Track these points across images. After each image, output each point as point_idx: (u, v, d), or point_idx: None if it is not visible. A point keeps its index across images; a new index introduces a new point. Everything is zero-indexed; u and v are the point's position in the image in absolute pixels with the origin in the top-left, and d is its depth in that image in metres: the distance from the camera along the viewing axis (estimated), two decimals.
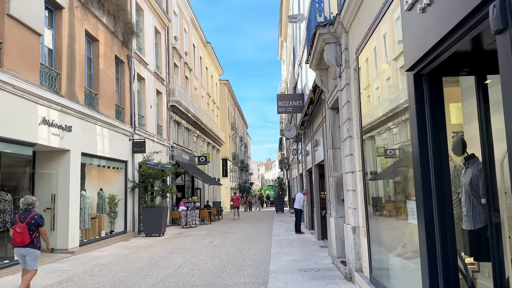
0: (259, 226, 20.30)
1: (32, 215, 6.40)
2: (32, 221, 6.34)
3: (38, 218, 6.41)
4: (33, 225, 6.33)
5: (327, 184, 10.10)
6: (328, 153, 9.31)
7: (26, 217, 6.36)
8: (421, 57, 3.41)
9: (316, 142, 12.07)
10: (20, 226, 6.26)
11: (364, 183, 6.18)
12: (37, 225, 6.37)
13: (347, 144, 7.05)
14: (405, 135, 4.64)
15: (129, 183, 16.49)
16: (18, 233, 6.24)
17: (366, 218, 6.16)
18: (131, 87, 17.16)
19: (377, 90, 5.93)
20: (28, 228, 6.28)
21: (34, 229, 6.33)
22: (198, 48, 33.29)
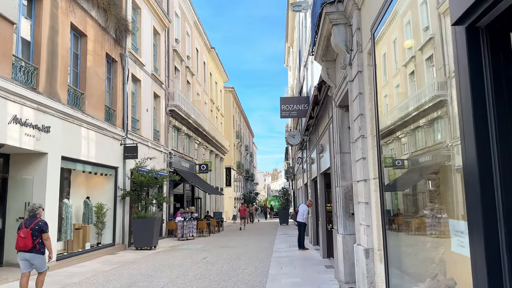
0: (260, 239, 18.89)
1: (37, 221, 6.64)
2: (36, 227, 6.57)
3: (42, 224, 6.66)
4: (37, 231, 6.55)
5: (334, 195, 8.76)
6: (335, 159, 7.99)
7: (31, 223, 6.60)
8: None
9: (322, 147, 10.76)
10: (24, 231, 6.51)
11: (381, 194, 4.85)
12: (41, 231, 6.60)
13: (358, 146, 5.73)
14: (443, 130, 3.32)
15: (119, 191, 15.25)
16: (21, 238, 6.48)
17: (384, 239, 4.81)
18: (124, 88, 16.03)
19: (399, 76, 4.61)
20: (32, 234, 6.50)
21: (37, 235, 6.55)
22: (201, 53, 32.28)
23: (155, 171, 15.83)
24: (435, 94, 3.37)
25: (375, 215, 5.22)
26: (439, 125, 3.50)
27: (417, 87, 3.97)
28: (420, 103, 3.92)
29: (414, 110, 4.02)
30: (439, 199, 3.58)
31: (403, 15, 4.09)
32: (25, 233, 6.50)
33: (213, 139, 32.83)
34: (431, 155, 3.77)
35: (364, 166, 5.52)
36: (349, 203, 7.50)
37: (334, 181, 8.60)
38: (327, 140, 9.79)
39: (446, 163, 3.21)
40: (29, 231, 6.50)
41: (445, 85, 3.18)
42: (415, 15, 3.94)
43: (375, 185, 5.19)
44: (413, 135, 4.15)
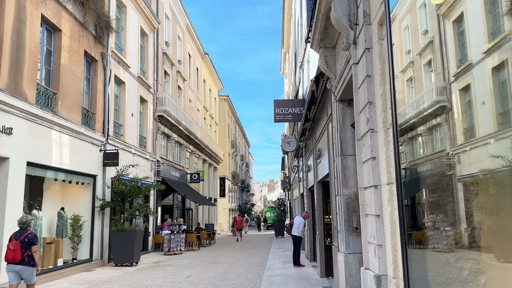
0: (252, 254, 17.55)
1: (26, 233, 6.64)
2: (25, 239, 6.57)
3: (32, 237, 6.65)
4: (26, 243, 6.54)
5: (333, 206, 7.53)
6: (335, 163, 6.78)
7: (20, 235, 6.60)
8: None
9: (319, 152, 9.56)
10: (13, 243, 6.52)
11: (400, 203, 3.64)
12: (30, 244, 6.58)
13: (366, 143, 4.53)
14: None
15: (97, 201, 13.94)
16: (11, 250, 6.49)
17: (404, 264, 3.59)
18: (105, 89, 14.83)
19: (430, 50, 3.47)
20: (21, 246, 6.50)
21: (27, 248, 6.54)
22: (194, 58, 31.22)
23: (137, 179, 14.53)
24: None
25: (389, 232, 4.00)
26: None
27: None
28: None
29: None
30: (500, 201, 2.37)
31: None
32: (14, 245, 6.52)
33: (206, 148, 31.60)
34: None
35: (373, 169, 4.31)
36: (352, 216, 6.28)
37: (333, 189, 7.38)
38: (325, 143, 8.59)
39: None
40: (18, 244, 6.52)
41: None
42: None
43: (389, 192, 3.98)
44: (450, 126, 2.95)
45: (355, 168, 6.32)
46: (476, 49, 2.57)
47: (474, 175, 2.61)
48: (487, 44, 2.38)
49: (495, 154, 2.36)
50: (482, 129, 2.51)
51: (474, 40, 2.59)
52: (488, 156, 2.46)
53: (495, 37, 2.27)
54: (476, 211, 2.65)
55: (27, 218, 6.91)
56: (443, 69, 3.09)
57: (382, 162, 4.20)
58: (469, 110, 2.68)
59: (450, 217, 3.02)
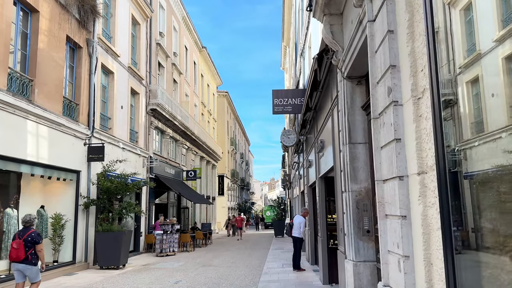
0: (250, 255, 16.49)
1: (30, 232, 6.63)
2: (29, 238, 6.56)
3: (35, 235, 6.65)
4: (29, 242, 6.54)
5: (339, 204, 6.47)
6: (342, 154, 5.71)
7: (24, 234, 6.60)
8: None
9: (322, 144, 8.48)
10: (17, 242, 6.51)
11: (445, 200, 2.56)
12: (34, 242, 6.58)
13: (386, 121, 3.46)
14: None
15: (81, 199, 12.89)
16: (14, 249, 6.49)
17: (451, 282, 2.51)
18: (90, 79, 13.76)
19: None
20: (24, 245, 6.49)
21: (30, 246, 6.54)
22: (191, 51, 30.14)
23: (124, 175, 13.47)
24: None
25: (420, 239, 2.93)
26: None
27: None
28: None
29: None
30: None
31: None
32: (18, 244, 6.53)
33: (203, 145, 30.54)
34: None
35: (398, 154, 3.23)
36: (363, 216, 5.22)
37: (339, 185, 6.31)
38: (329, 133, 7.52)
39: None
40: (21, 242, 6.53)
41: None
42: None
43: (421, 185, 2.91)
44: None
45: (366, 159, 5.26)
46: (486, 38, 2.28)
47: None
48: (498, 32, 2.13)
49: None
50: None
51: (484, 28, 2.32)
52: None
53: (507, 24, 2.03)
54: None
55: (30, 217, 6.95)
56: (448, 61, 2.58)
57: (409, 145, 3.13)
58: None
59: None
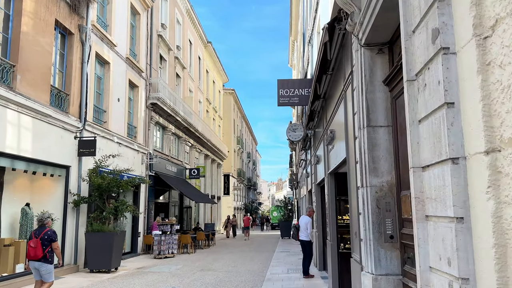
0: (253, 258, 15.45)
1: (45, 231, 6.78)
2: (45, 236, 6.72)
3: (51, 233, 6.83)
4: (46, 240, 6.69)
5: (353, 204, 5.40)
6: (358, 142, 4.65)
7: (40, 233, 6.75)
8: None
9: (332, 135, 7.41)
10: (34, 241, 6.66)
11: None
12: (50, 240, 6.74)
13: (431, 80, 2.40)
14: None
15: (70, 196, 11.97)
16: (32, 248, 6.65)
17: None
18: (83, 68, 12.85)
19: None
20: (42, 243, 6.64)
21: (47, 244, 6.71)
22: (196, 46, 29.21)
23: (117, 171, 12.51)
24: None
25: (490, 253, 1.87)
26: None
27: None
28: None
29: None
30: None
31: None
32: (35, 243, 6.65)
33: (208, 142, 29.58)
34: None
35: (451, 125, 2.18)
36: (385, 217, 4.15)
37: (353, 180, 5.25)
38: (341, 120, 6.46)
39: None
40: (38, 241, 6.63)
41: None
42: None
43: (493, 170, 1.85)
44: None
45: (389, 146, 4.20)
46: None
47: None
48: None
49: None
50: None
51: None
52: None
53: None
54: None
55: (44, 215, 7.08)
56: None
57: (469, 111, 2.07)
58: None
59: None
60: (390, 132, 4.26)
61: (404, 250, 4.00)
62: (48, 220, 7.05)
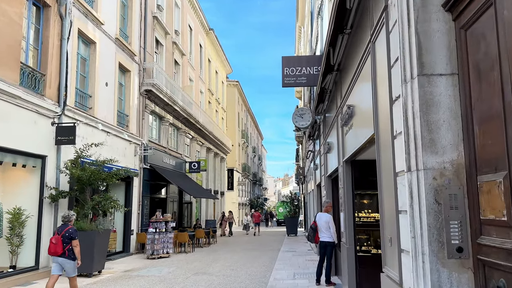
0: (255, 259, 13.95)
1: (67, 228, 6.94)
2: (66, 234, 6.85)
3: (72, 231, 6.93)
4: (67, 237, 6.82)
5: (387, 198, 3.84)
6: (402, 102, 3.10)
7: (62, 230, 6.93)
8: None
9: (350, 111, 5.82)
10: (56, 237, 6.84)
11: None
12: (71, 238, 6.83)
13: None
14: None
15: (47, 190, 10.54)
16: (53, 244, 6.79)
17: None
18: (62, 46, 11.38)
19: None
20: (62, 240, 6.78)
21: (67, 242, 6.82)
22: (196, 32, 27.65)
23: (100, 162, 11.04)
24: None
25: None
26: None
27: None
28: None
29: None
30: None
31: None
32: (56, 239, 6.81)
33: (210, 135, 28.08)
34: None
35: None
36: (450, 218, 2.60)
37: (388, 162, 3.68)
38: (365, 88, 4.89)
39: None
40: (60, 238, 6.80)
41: None
42: None
43: None
44: None
45: (453, 105, 2.64)
46: None
47: None
48: None
49: None
50: None
51: None
52: None
53: None
54: None
55: (69, 213, 7.27)
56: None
57: None
58: None
59: None
60: (456, 83, 2.71)
61: (483, 273, 2.46)
62: (72, 218, 7.23)
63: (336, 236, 8.38)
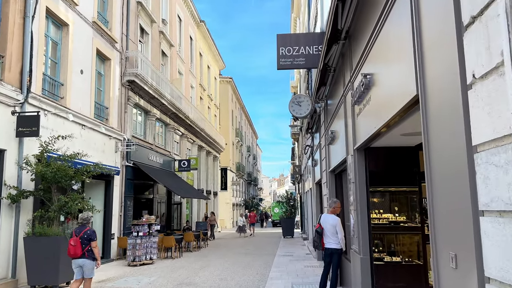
0: (248, 265, 12.57)
1: (85, 230, 6.95)
2: (85, 235, 6.87)
3: (91, 233, 6.97)
4: (85, 239, 6.85)
5: (443, 193, 2.47)
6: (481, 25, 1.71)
7: (80, 232, 6.93)
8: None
9: (368, 81, 4.47)
10: (74, 239, 6.84)
11: None
12: (89, 240, 6.88)
13: None
14: None
15: (5, 189, 9.08)
16: (72, 246, 6.80)
17: None
18: (25, 24, 9.93)
19: None
20: (81, 242, 6.81)
21: (86, 243, 6.84)
22: (186, 24, 26.23)
23: (66, 156, 9.58)
24: None
25: None
26: None
27: None
28: None
29: None
30: None
31: None
32: (75, 241, 6.80)
33: (201, 132, 26.66)
34: None
35: None
36: None
37: (445, 138, 2.32)
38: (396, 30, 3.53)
39: None
40: (78, 240, 6.81)
41: None
42: None
43: None
44: None
45: None
46: None
47: None
48: None
49: None
50: None
51: None
52: None
53: None
54: None
55: (88, 215, 7.26)
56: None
57: None
58: None
59: None
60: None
61: None
62: (90, 219, 7.24)
63: (344, 242, 7.01)
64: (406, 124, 3.89)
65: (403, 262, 5.67)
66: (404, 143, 5.31)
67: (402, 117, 3.71)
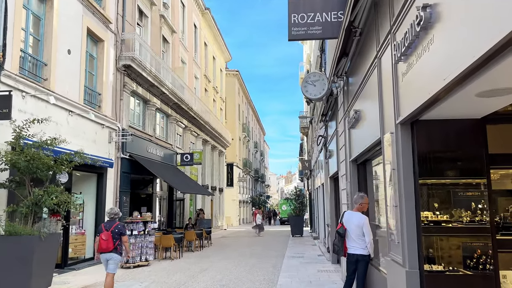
0: (253, 269, 11.19)
1: (116, 224, 7.02)
2: (116, 230, 6.94)
3: (121, 227, 7.07)
4: (116, 233, 6.94)
5: None
6: None
7: (110, 226, 6.97)
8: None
9: (429, 14, 3.06)
10: (105, 234, 6.89)
11: None
12: (120, 234, 7.00)
13: None
14: None
15: None
16: (104, 240, 6.84)
17: None
18: None
19: None
20: (112, 236, 6.87)
21: (117, 237, 6.94)
22: (190, 11, 24.86)
23: (43, 142, 8.25)
24: None
25: None
26: None
27: None
28: None
29: None
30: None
31: None
32: (106, 235, 6.85)
33: (206, 125, 25.32)
34: None
35: None
36: None
37: None
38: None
39: None
40: (109, 234, 6.86)
41: None
42: None
43: None
44: None
45: None
46: None
47: None
48: None
49: None
50: None
51: None
52: None
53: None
54: None
55: (117, 210, 7.32)
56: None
57: None
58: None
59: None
60: None
61: None
62: (119, 214, 7.24)
63: (373, 247, 5.58)
64: (493, 73, 2.48)
65: (467, 272, 4.17)
66: (466, 114, 3.87)
67: (493, 60, 2.31)
